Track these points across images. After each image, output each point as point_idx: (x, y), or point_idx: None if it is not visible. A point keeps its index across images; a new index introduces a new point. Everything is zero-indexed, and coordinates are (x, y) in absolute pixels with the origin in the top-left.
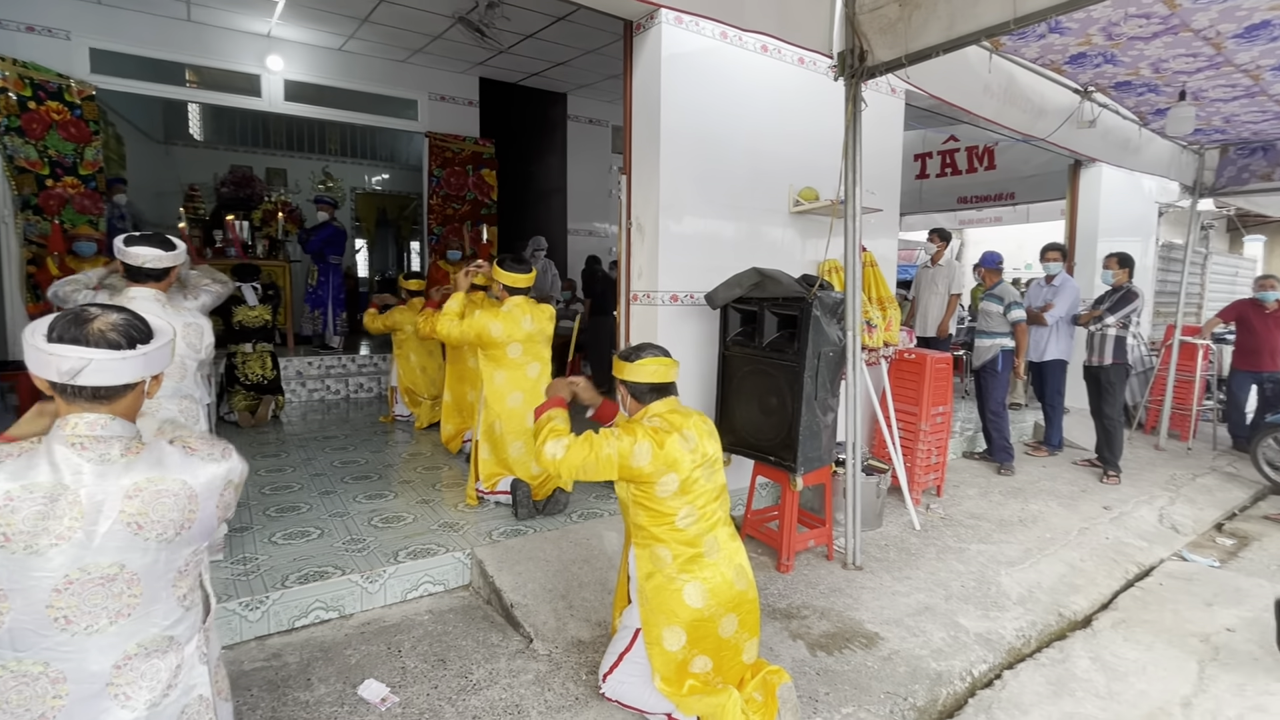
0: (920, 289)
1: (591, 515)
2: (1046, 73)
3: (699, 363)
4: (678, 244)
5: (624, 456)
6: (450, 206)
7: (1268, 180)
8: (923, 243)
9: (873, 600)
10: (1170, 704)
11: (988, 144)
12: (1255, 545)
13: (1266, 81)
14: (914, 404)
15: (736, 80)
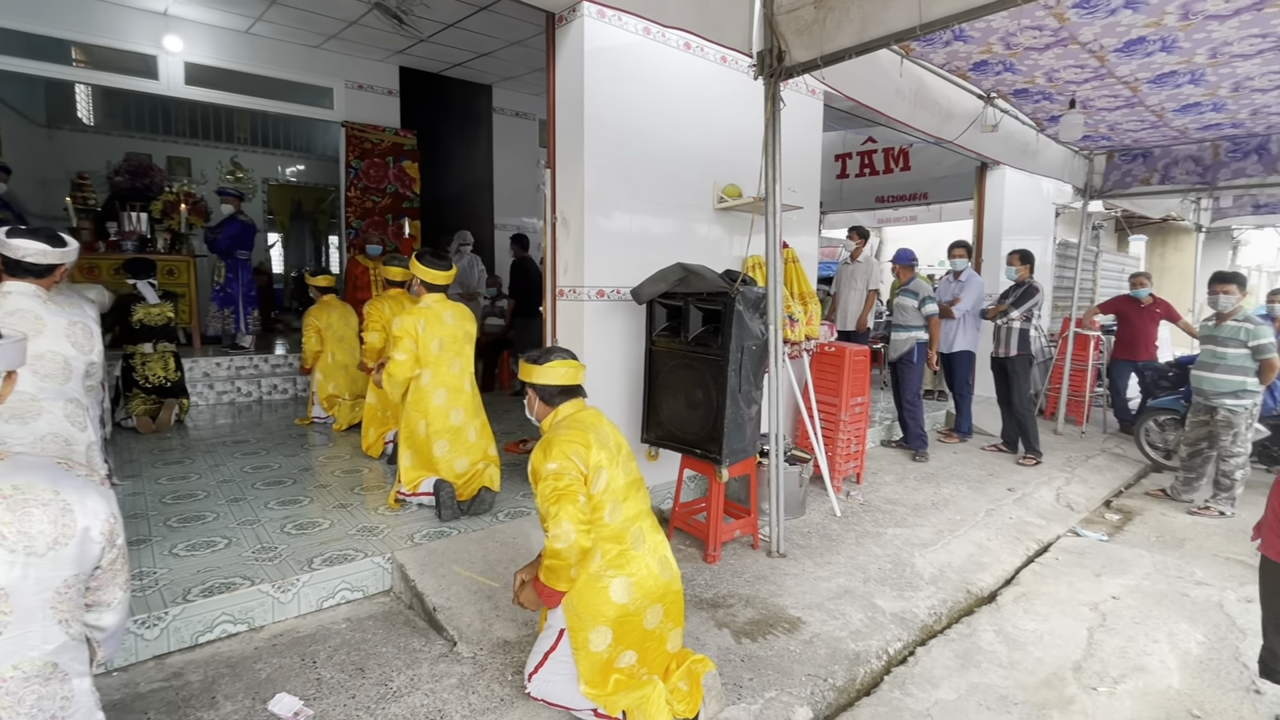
0: (841, 285)
1: (519, 514)
2: (953, 78)
3: (626, 358)
4: (604, 239)
5: (586, 482)
6: (370, 199)
7: (1147, 184)
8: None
9: (796, 586)
10: (1063, 669)
11: (903, 146)
12: (1138, 519)
13: (1144, 93)
14: (834, 395)
15: (661, 77)
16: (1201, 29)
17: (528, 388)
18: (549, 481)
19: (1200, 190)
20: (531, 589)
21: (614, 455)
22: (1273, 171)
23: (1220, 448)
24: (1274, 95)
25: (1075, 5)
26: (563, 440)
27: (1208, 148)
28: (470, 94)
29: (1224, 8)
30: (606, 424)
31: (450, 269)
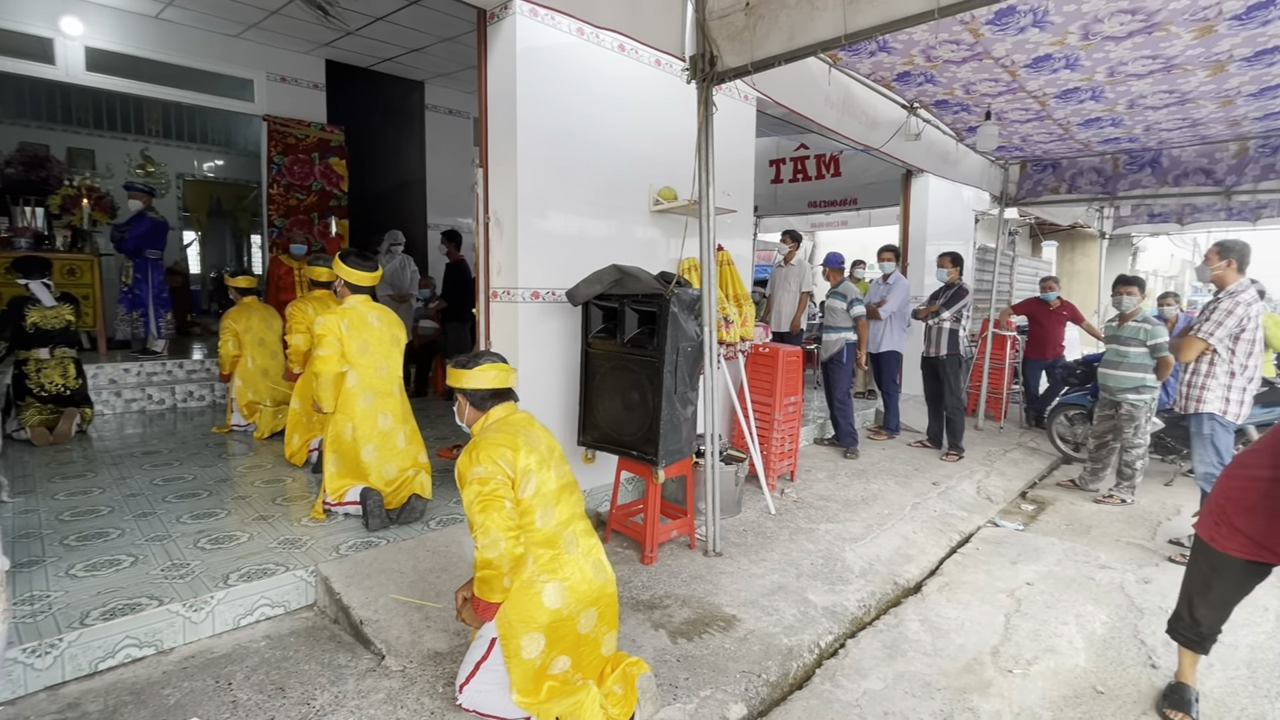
0: (775, 287)
1: (451, 521)
2: (878, 88)
3: (562, 360)
4: (538, 240)
5: (514, 487)
6: (294, 197)
7: (1056, 193)
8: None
9: (731, 584)
10: (983, 654)
11: (834, 153)
12: (1050, 509)
13: (1051, 107)
14: (769, 395)
15: (596, 79)
16: (1100, 49)
17: (457, 393)
18: (474, 487)
19: (1102, 200)
20: (472, 606)
21: (545, 459)
22: (1164, 184)
23: (1123, 439)
24: (1164, 113)
25: (989, 22)
26: (489, 444)
27: (1108, 160)
28: (402, 90)
29: (1119, 30)
30: (538, 427)
31: (376, 269)
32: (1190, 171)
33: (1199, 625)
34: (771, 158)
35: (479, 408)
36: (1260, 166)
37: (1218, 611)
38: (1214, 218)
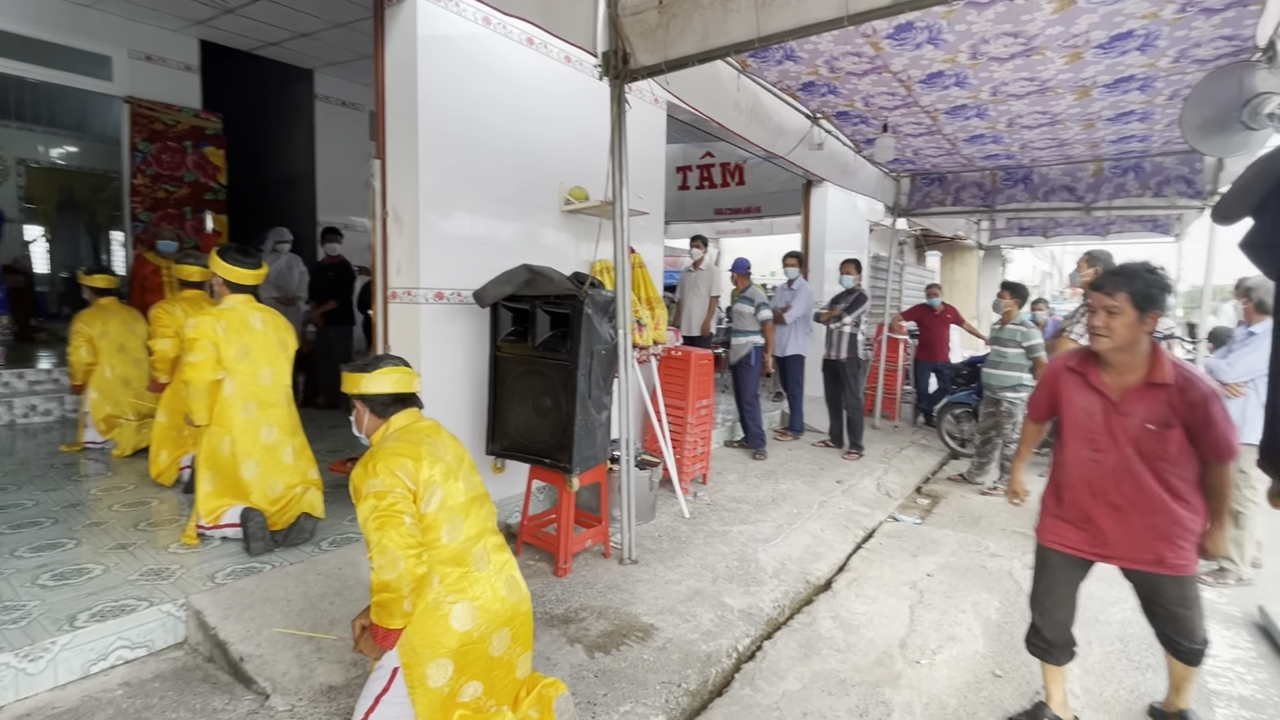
0: (685, 291)
1: (346, 540)
2: (784, 97)
3: (469, 365)
4: (442, 238)
5: (415, 500)
6: (162, 189)
7: (943, 205)
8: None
9: (648, 592)
10: (891, 647)
11: (739, 161)
12: (944, 503)
13: (941, 123)
14: (681, 399)
15: (504, 72)
16: (986, 69)
17: (354, 401)
18: (369, 502)
19: (982, 212)
20: (370, 636)
21: (452, 469)
22: (1035, 199)
23: (1004, 435)
24: (1038, 132)
25: (888, 36)
26: (388, 454)
27: (988, 175)
28: (288, 78)
29: (1003, 51)
30: (445, 435)
31: (259, 266)
32: (1056, 188)
33: (1041, 632)
34: (679, 164)
35: (379, 415)
36: (1113, 185)
37: (1048, 616)
38: (1072, 231)
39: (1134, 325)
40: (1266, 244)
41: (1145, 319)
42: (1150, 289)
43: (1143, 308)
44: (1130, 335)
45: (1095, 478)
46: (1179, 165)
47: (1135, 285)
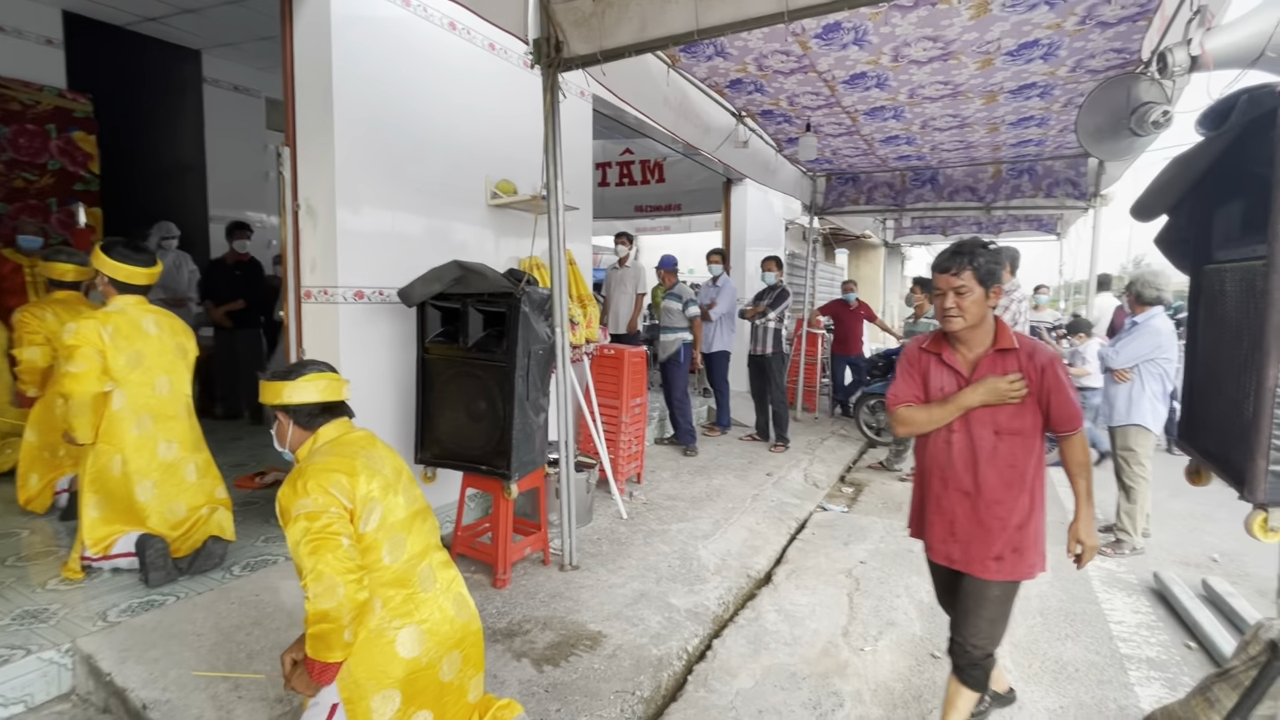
0: (611, 289)
1: (263, 563)
2: (711, 94)
3: (394, 368)
4: (362, 233)
5: (353, 520)
6: (21, 177)
7: (856, 204)
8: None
9: (592, 598)
10: (835, 636)
11: (659, 159)
12: (867, 490)
13: (860, 123)
14: (615, 397)
15: (426, 58)
16: (906, 71)
17: (277, 412)
18: (301, 524)
19: (893, 211)
20: (305, 671)
21: (391, 482)
22: (941, 199)
23: None
24: (948, 134)
25: (817, 35)
26: (319, 470)
27: (898, 176)
28: (171, 58)
29: (923, 55)
30: (381, 446)
31: (154, 264)
32: (960, 189)
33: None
34: (598, 161)
35: (305, 427)
36: (1010, 186)
37: (950, 615)
38: (969, 230)
39: (981, 301)
40: (1179, 240)
41: (990, 294)
42: (990, 264)
43: (986, 283)
44: (980, 311)
45: (947, 462)
46: (1066, 169)
47: (977, 262)
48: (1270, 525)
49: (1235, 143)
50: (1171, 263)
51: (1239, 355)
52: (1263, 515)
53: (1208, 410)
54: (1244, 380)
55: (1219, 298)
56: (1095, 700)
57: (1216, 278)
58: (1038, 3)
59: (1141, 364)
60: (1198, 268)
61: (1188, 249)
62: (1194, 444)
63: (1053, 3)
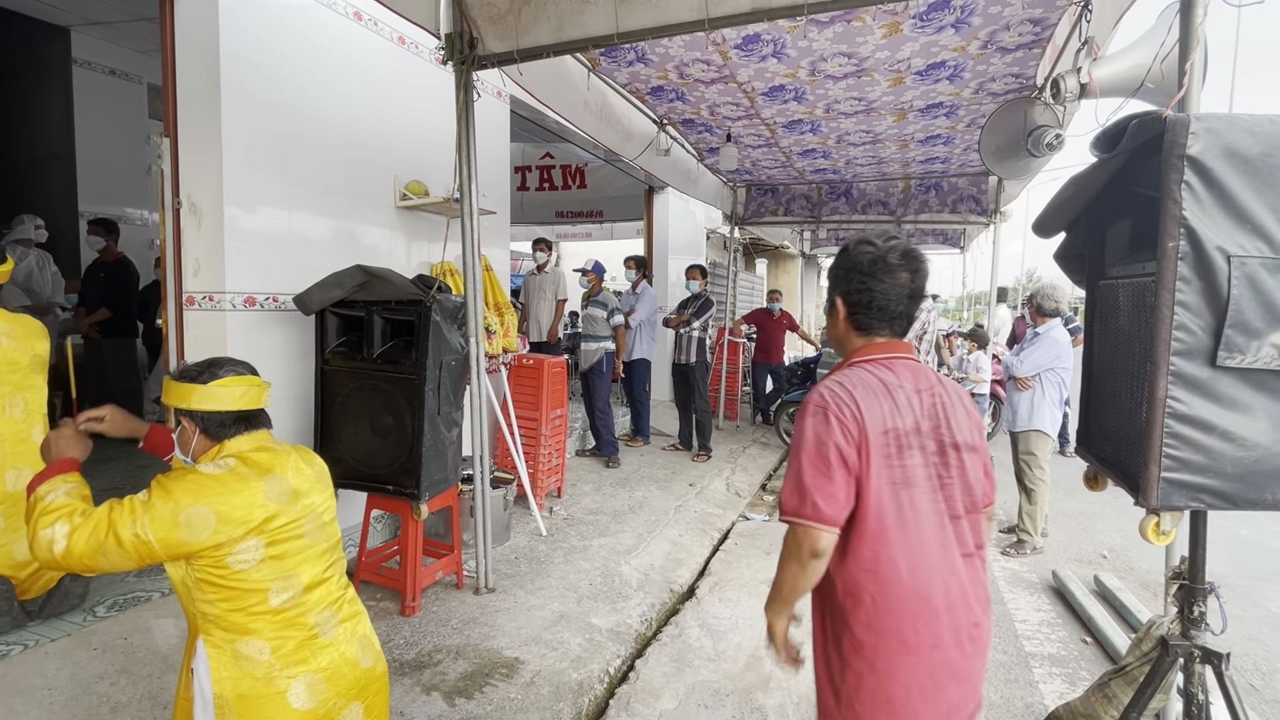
0: (530, 296)
1: (133, 601)
2: (633, 100)
3: (290, 381)
4: (253, 234)
5: (164, 534)
6: None
7: (775, 215)
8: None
9: (509, 623)
10: (759, 649)
11: (579, 164)
12: None
13: (779, 135)
14: (534, 409)
15: (329, 49)
16: (822, 85)
17: (181, 417)
18: (125, 505)
19: (809, 223)
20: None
21: (296, 517)
22: (855, 211)
23: None
24: (862, 150)
25: (737, 46)
26: (186, 481)
27: (814, 189)
28: (33, 34)
29: (838, 70)
30: (302, 471)
31: (3, 261)
32: (872, 203)
33: None
34: (517, 164)
35: (215, 437)
36: (919, 201)
37: None
38: None
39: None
40: (1076, 255)
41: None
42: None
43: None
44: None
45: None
46: (970, 186)
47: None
48: (1162, 529)
49: (1126, 165)
50: (1069, 277)
51: (1132, 366)
52: (1155, 520)
53: (1104, 419)
54: (1137, 390)
55: (1113, 311)
56: (1004, 699)
57: (1110, 292)
58: (945, 26)
59: (1042, 372)
60: (1093, 283)
61: (1084, 264)
62: (1091, 451)
63: (958, 26)
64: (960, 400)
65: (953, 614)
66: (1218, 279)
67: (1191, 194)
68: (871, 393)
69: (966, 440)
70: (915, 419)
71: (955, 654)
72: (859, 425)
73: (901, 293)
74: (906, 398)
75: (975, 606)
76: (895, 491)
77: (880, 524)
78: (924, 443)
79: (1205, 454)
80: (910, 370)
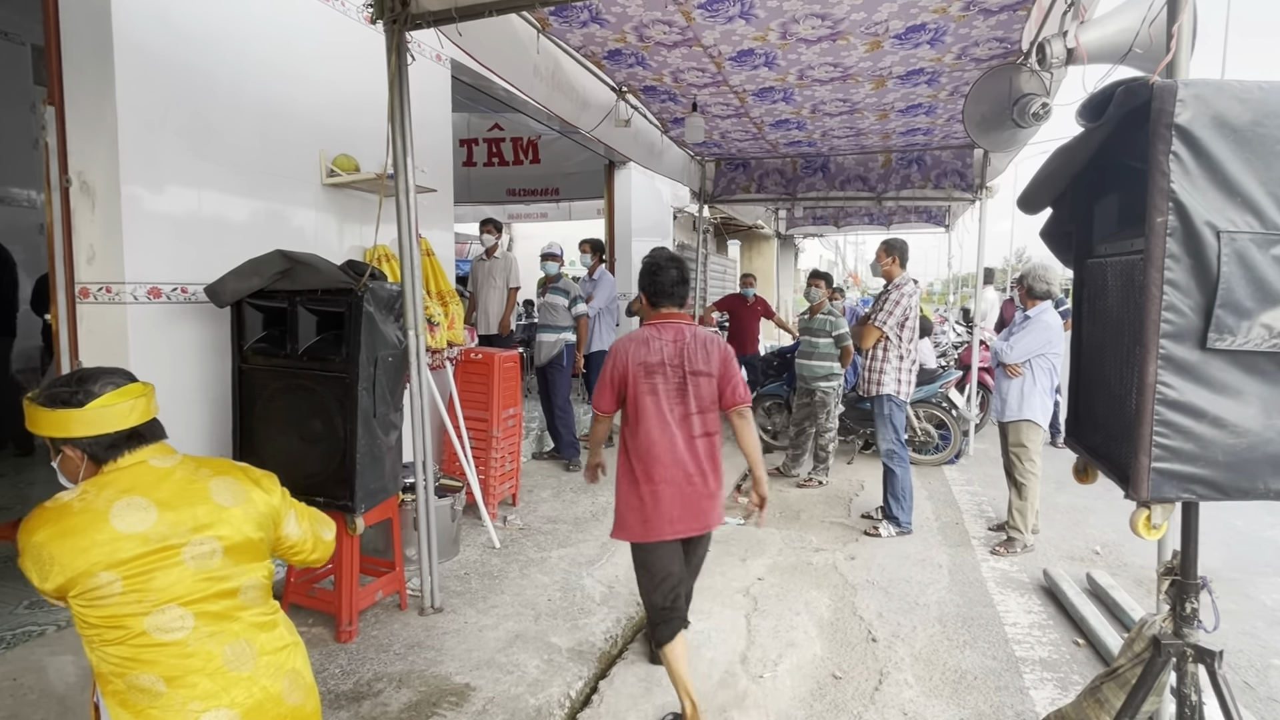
0: (479, 284)
1: (23, 637)
2: (588, 65)
3: (203, 382)
4: (157, 216)
5: (30, 573)
6: None
7: (747, 192)
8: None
9: (459, 645)
10: (733, 664)
11: (532, 136)
12: None
13: (749, 104)
14: (484, 409)
15: (244, 6)
16: (794, 50)
17: (62, 446)
18: None
19: (784, 200)
20: None
21: (177, 538)
22: (832, 188)
23: (818, 425)
24: (838, 120)
25: (700, 6)
26: (39, 519)
27: (789, 163)
28: None
29: (811, 33)
30: (192, 489)
31: None
32: (851, 178)
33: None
34: (463, 137)
35: (101, 460)
36: (900, 176)
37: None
38: (860, 221)
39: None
40: (1063, 233)
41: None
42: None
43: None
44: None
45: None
46: (954, 159)
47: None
48: (1153, 522)
49: (1113, 135)
50: (1056, 256)
51: (1121, 351)
52: (1146, 513)
53: (1093, 407)
54: (1126, 376)
55: (1101, 292)
56: (993, 708)
57: (1099, 272)
58: None
59: (1032, 359)
60: (1080, 261)
61: (1070, 242)
62: (1081, 441)
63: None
64: (703, 345)
65: (679, 465)
66: (1207, 256)
67: (1180, 165)
68: (638, 342)
69: (701, 369)
70: (662, 357)
71: (682, 485)
72: (625, 362)
73: (670, 279)
74: (660, 345)
75: (695, 463)
76: (645, 397)
77: (638, 413)
78: (667, 370)
79: (1196, 442)
80: (672, 328)
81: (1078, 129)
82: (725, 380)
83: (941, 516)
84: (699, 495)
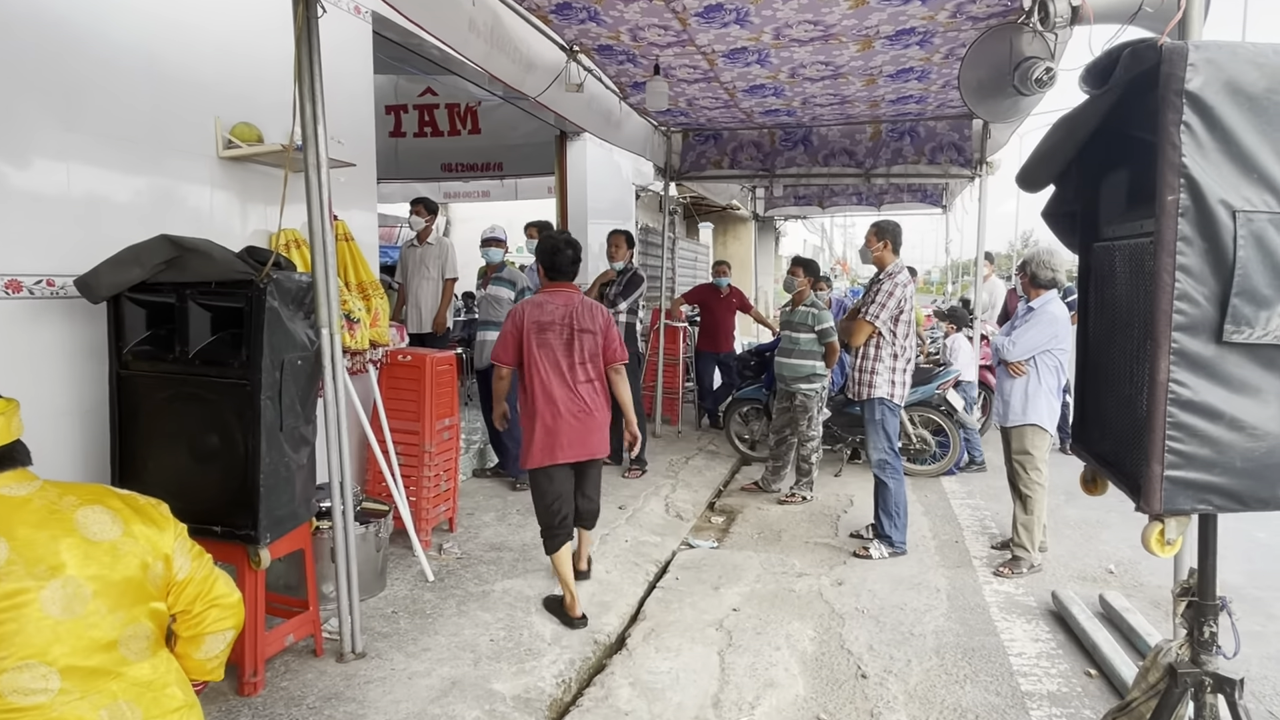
0: (409, 274)
1: None
2: (534, 20)
3: (76, 391)
4: (15, 194)
5: None
6: None
7: (719, 167)
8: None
9: (384, 696)
10: (705, 708)
11: (470, 103)
12: (740, 518)
13: (719, 68)
14: (415, 420)
15: None
16: (769, 6)
17: None
18: None
19: (761, 176)
20: None
21: (32, 588)
22: (815, 163)
23: (799, 433)
24: (820, 85)
25: None
26: None
27: (766, 134)
28: None
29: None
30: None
31: None
32: (836, 152)
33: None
34: (389, 103)
35: None
36: (891, 150)
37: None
38: (848, 201)
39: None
40: (1067, 213)
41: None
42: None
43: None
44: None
45: None
46: (950, 131)
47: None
48: (1168, 537)
49: (1120, 104)
50: (1059, 239)
51: (1130, 345)
52: (1159, 527)
53: (1101, 409)
54: (1136, 374)
55: (1109, 279)
56: None
57: (1106, 256)
58: None
59: (1037, 356)
60: (1086, 245)
61: (1075, 224)
62: (1088, 448)
63: None
64: (589, 310)
65: (570, 403)
66: (1223, 238)
67: (1192, 137)
68: (534, 305)
69: (585, 327)
70: (554, 318)
71: (571, 419)
72: (522, 321)
73: (567, 259)
74: (553, 308)
75: (582, 401)
76: (537, 349)
77: (531, 363)
78: (558, 328)
79: (1212, 446)
80: (563, 296)
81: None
82: (607, 341)
83: (940, 534)
84: (587, 428)
